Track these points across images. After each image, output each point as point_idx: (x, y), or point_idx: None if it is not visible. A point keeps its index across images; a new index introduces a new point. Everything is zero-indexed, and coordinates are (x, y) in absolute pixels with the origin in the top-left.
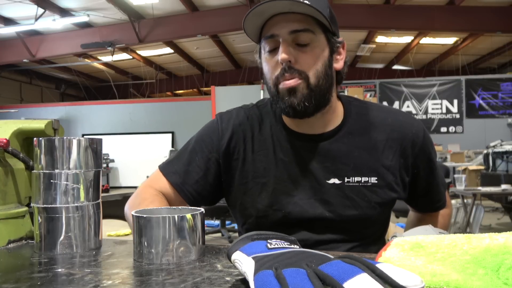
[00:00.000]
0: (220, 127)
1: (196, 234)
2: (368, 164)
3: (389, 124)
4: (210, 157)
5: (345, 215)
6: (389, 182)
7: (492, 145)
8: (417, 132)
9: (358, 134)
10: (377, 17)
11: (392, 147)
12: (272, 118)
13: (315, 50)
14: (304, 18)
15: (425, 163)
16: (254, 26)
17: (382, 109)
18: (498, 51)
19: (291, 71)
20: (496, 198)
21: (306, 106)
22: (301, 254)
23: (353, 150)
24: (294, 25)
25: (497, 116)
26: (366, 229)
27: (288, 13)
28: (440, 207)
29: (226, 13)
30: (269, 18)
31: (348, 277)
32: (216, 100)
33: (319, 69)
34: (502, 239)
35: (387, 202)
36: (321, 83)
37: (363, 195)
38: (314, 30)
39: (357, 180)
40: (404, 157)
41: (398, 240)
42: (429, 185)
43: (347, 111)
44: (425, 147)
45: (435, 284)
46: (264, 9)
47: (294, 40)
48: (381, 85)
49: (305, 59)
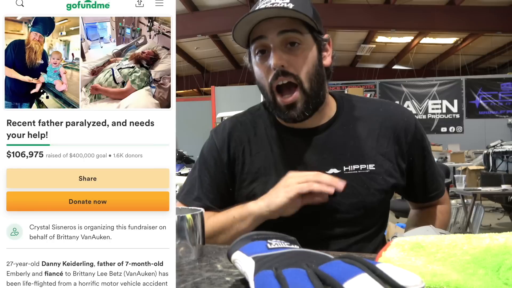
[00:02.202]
0: (216, 142)
1: (196, 234)
2: (365, 152)
3: (381, 114)
4: (217, 174)
5: (346, 203)
6: (387, 169)
7: (492, 145)
8: (409, 120)
9: (352, 124)
10: (377, 17)
11: (386, 135)
12: (266, 119)
13: (305, 51)
14: (291, 20)
15: (419, 150)
16: (242, 33)
17: (374, 101)
18: (498, 51)
19: (285, 74)
20: (496, 198)
21: (306, 115)
22: (301, 254)
23: (348, 140)
24: (281, 27)
25: (497, 116)
26: (367, 218)
27: (275, 17)
28: (437, 196)
29: (226, 13)
30: (257, 23)
31: (348, 277)
32: (216, 100)
33: (310, 71)
34: (502, 239)
35: (386, 188)
36: (314, 85)
37: (362, 182)
38: (301, 30)
39: (355, 168)
40: (398, 144)
41: (398, 240)
42: (424, 173)
43: (339, 104)
44: (418, 135)
45: (435, 284)
46: (252, 17)
47: (283, 41)
48: (381, 85)
49: (297, 63)
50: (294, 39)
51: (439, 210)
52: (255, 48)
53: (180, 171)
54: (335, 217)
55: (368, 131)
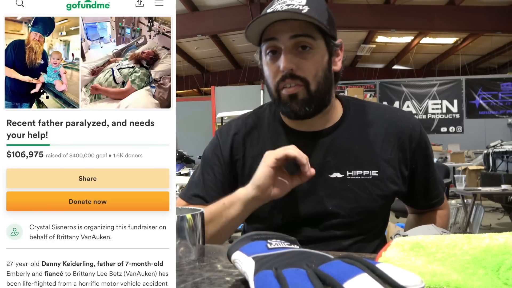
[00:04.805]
0: (220, 141)
1: (196, 234)
2: (368, 157)
3: (386, 120)
4: (219, 173)
5: (348, 208)
6: (389, 175)
7: (492, 145)
8: (414, 127)
9: (357, 129)
10: (377, 17)
11: (391, 141)
12: (271, 120)
13: (315, 56)
14: (304, 24)
15: (422, 158)
16: (255, 32)
17: (380, 106)
18: (498, 51)
19: (293, 77)
20: (496, 198)
21: (306, 111)
22: (301, 254)
23: (353, 145)
24: (294, 30)
25: (497, 116)
26: (367, 223)
27: (289, 20)
28: (438, 203)
29: (226, 13)
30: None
31: (348, 277)
32: (216, 100)
33: (319, 75)
34: (502, 239)
35: (388, 195)
36: (320, 88)
37: (364, 187)
38: (314, 35)
39: (358, 174)
40: (402, 151)
41: (398, 240)
42: (426, 181)
43: (345, 108)
44: (422, 142)
45: (435, 284)
46: (266, 18)
47: (294, 45)
48: (381, 85)
49: (306, 66)
50: (305, 43)
51: (439, 215)
52: (266, 47)
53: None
54: (336, 221)
55: (373, 136)
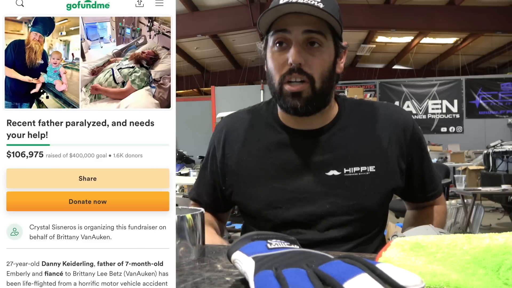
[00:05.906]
0: (214, 139)
1: (196, 234)
2: (365, 154)
3: (380, 115)
4: (214, 170)
5: (345, 205)
6: (387, 171)
7: (492, 145)
8: (407, 121)
9: (353, 126)
10: (377, 17)
11: (386, 136)
12: (269, 117)
13: (323, 55)
14: (318, 20)
15: (417, 150)
16: (267, 20)
17: (373, 103)
18: (498, 51)
19: (300, 72)
20: (496, 198)
21: (307, 109)
22: (301, 254)
23: (349, 142)
24: (308, 25)
25: (497, 116)
26: (366, 221)
27: (303, 13)
28: (436, 195)
29: (226, 13)
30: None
31: (348, 277)
32: (216, 100)
33: (325, 73)
34: (502, 239)
35: (386, 191)
36: (324, 87)
37: (362, 184)
38: (325, 34)
39: (355, 170)
40: (398, 145)
41: (398, 240)
42: (423, 173)
43: (341, 107)
44: (416, 135)
45: (435, 284)
46: (282, 8)
47: (305, 40)
48: (381, 85)
49: (313, 63)
50: (316, 40)
51: (436, 211)
52: (275, 38)
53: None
54: (334, 220)
55: (368, 132)
